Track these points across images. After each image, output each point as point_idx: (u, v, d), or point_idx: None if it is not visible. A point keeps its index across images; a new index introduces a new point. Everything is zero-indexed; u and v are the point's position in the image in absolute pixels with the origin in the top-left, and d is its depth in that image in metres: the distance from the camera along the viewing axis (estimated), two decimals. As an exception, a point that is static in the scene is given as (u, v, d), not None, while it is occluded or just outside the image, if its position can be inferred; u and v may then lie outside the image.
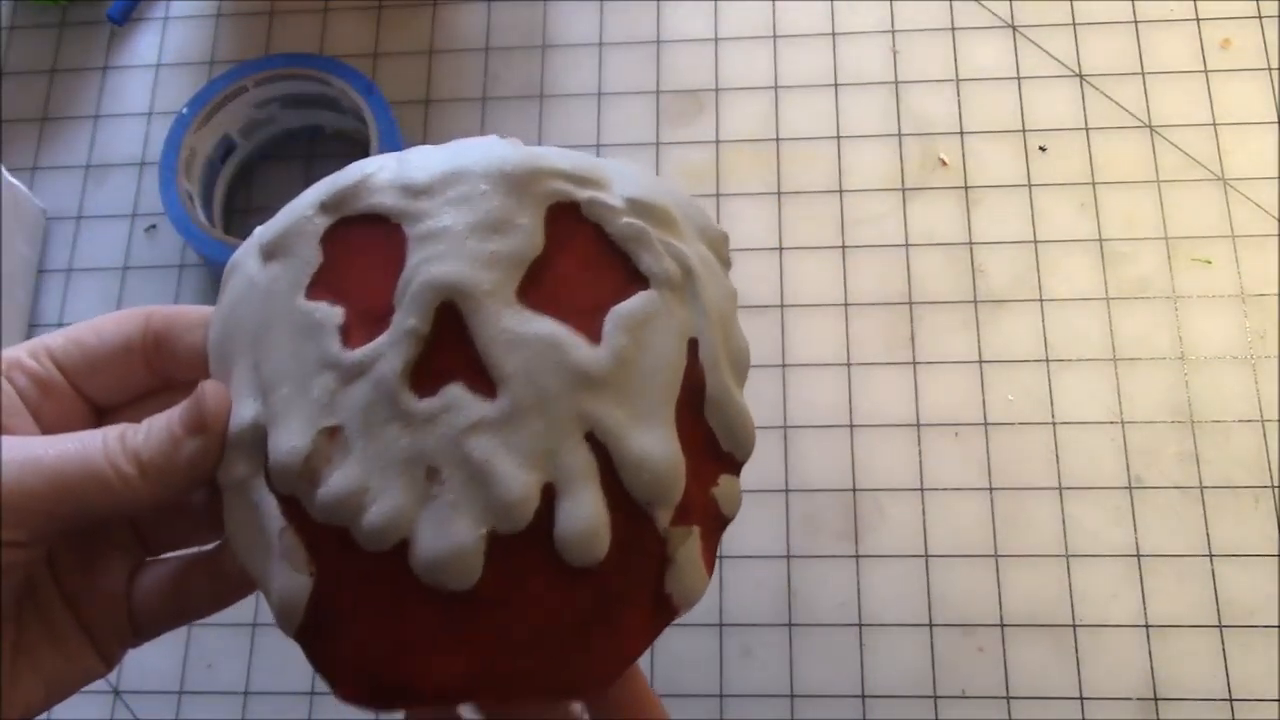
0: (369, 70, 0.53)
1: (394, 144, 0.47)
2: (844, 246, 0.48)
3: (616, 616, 0.22)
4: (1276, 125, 0.48)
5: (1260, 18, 0.50)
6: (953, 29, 0.51)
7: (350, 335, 0.23)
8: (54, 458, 0.22)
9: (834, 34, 0.52)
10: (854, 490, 0.45)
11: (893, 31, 0.52)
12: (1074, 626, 0.42)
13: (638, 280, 0.23)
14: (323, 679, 0.23)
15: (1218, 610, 0.42)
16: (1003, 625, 0.42)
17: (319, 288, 0.23)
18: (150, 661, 0.45)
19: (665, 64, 0.52)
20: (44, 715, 0.46)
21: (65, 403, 0.24)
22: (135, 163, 0.53)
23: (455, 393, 0.22)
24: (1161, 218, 0.47)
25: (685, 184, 0.50)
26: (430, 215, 0.23)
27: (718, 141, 0.50)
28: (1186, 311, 0.46)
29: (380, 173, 0.24)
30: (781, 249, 0.48)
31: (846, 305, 0.47)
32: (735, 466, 0.24)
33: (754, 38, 0.52)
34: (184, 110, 0.49)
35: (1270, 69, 0.49)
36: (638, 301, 0.23)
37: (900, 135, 0.50)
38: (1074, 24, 0.51)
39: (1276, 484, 0.43)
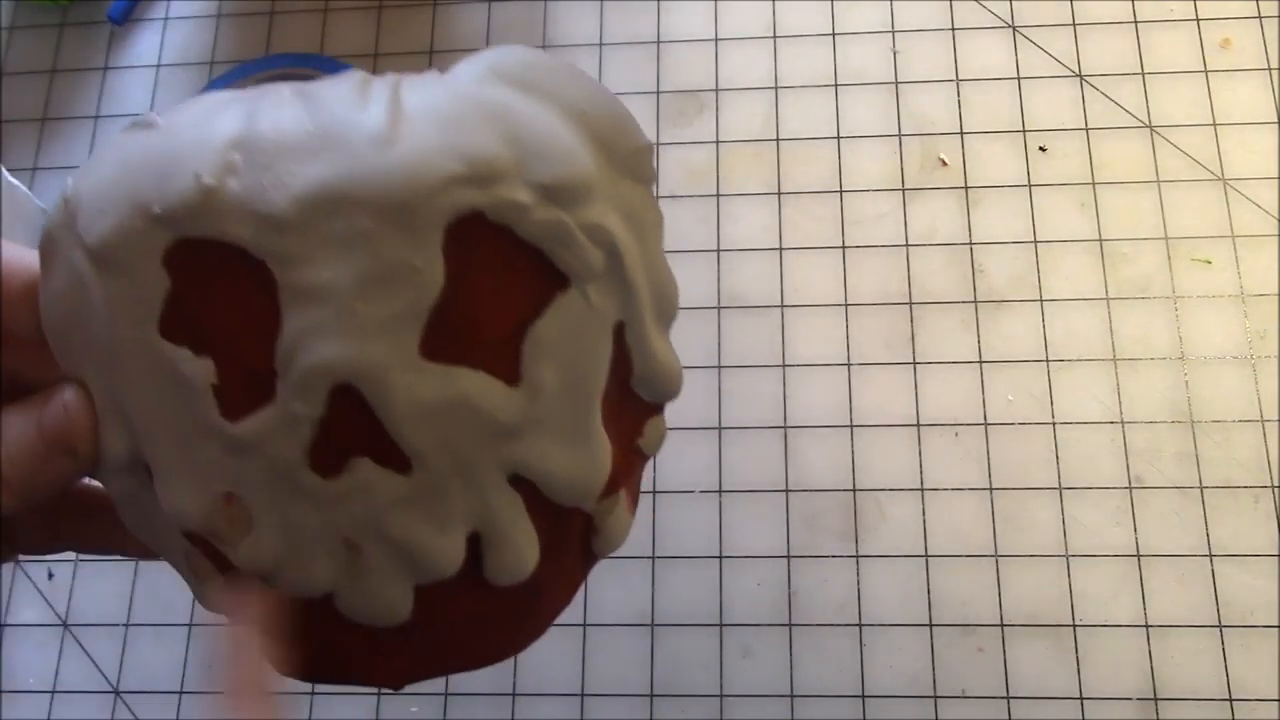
0: (369, 70, 0.53)
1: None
2: (844, 246, 0.48)
3: (545, 596, 0.23)
4: (1276, 125, 0.48)
5: (1260, 18, 0.50)
6: (953, 29, 0.51)
7: (226, 398, 0.20)
8: None
9: (834, 34, 0.52)
10: (854, 490, 0.45)
11: (893, 31, 0.52)
12: (1074, 626, 0.42)
13: (556, 280, 0.21)
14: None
15: (1218, 610, 0.42)
16: (1003, 625, 0.42)
17: (174, 323, 0.20)
18: (150, 661, 0.45)
19: (665, 64, 0.52)
20: (43, 714, 0.46)
21: None
22: (135, 163, 0.53)
23: (364, 470, 0.20)
24: (1161, 218, 0.47)
25: (685, 184, 0.50)
26: (304, 260, 0.19)
27: (718, 141, 0.50)
28: (1186, 311, 0.46)
29: (227, 180, 0.19)
30: (781, 249, 0.48)
31: (846, 305, 0.47)
32: (659, 408, 0.24)
33: (754, 38, 0.52)
34: (184, 110, 0.49)
35: (1270, 69, 0.49)
36: (554, 318, 0.21)
37: (900, 135, 0.50)
38: (1074, 24, 0.51)
39: (1276, 484, 0.43)
